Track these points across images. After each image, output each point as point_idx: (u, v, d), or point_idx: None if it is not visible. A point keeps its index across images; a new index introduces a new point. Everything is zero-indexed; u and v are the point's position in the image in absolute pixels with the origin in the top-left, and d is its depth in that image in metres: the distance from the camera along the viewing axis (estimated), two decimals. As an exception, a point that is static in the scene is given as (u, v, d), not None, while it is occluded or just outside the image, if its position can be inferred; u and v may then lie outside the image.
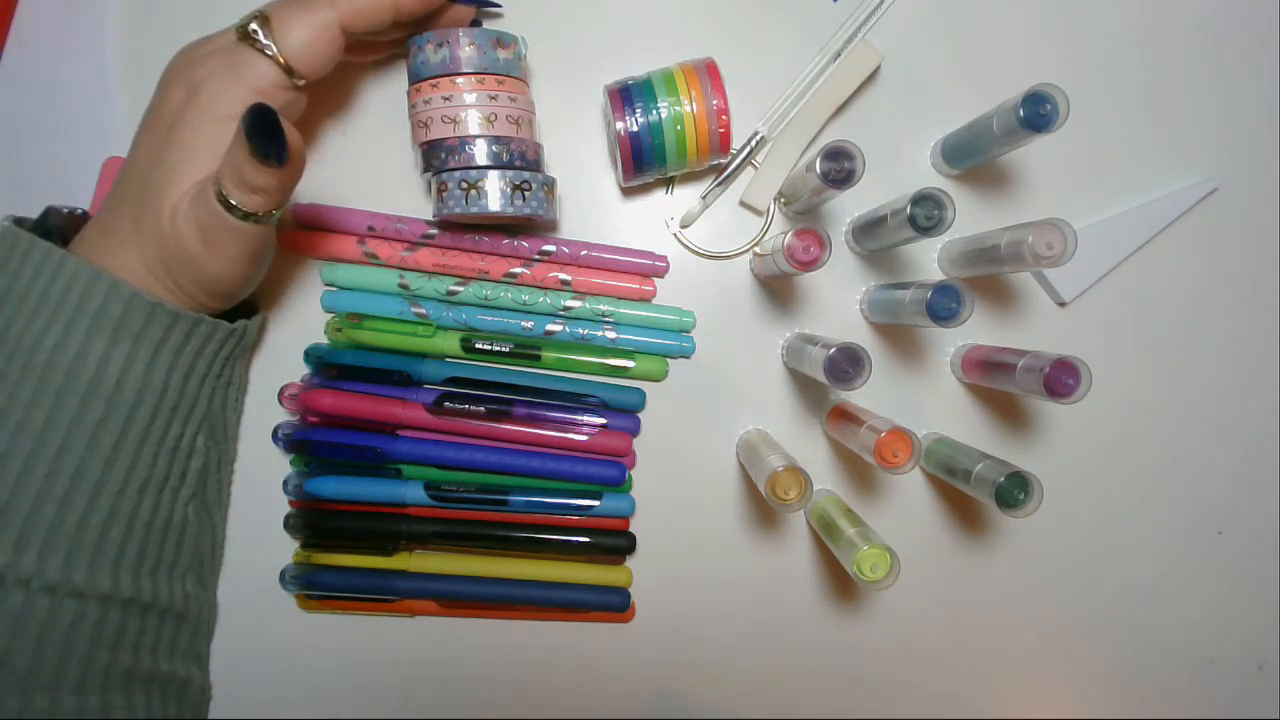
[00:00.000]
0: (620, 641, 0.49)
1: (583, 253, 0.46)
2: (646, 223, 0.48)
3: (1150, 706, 0.52)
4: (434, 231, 0.45)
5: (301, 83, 0.38)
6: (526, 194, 0.41)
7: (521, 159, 0.41)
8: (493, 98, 0.41)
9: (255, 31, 0.37)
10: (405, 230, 0.45)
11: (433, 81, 0.40)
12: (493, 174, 0.40)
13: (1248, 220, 0.49)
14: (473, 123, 0.40)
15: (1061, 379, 0.39)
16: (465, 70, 0.40)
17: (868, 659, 0.50)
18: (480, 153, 0.40)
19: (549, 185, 0.42)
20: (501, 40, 0.41)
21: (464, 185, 0.40)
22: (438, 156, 0.41)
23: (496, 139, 0.41)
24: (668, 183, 0.48)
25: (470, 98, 0.40)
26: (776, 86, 0.47)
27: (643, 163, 0.43)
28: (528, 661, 0.49)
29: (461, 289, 0.46)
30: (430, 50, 0.40)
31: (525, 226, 0.46)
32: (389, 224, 0.45)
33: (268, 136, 0.33)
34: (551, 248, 0.46)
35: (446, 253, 0.46)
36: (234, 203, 0.35)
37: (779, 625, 0.49)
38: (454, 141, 0.40)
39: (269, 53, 0.37)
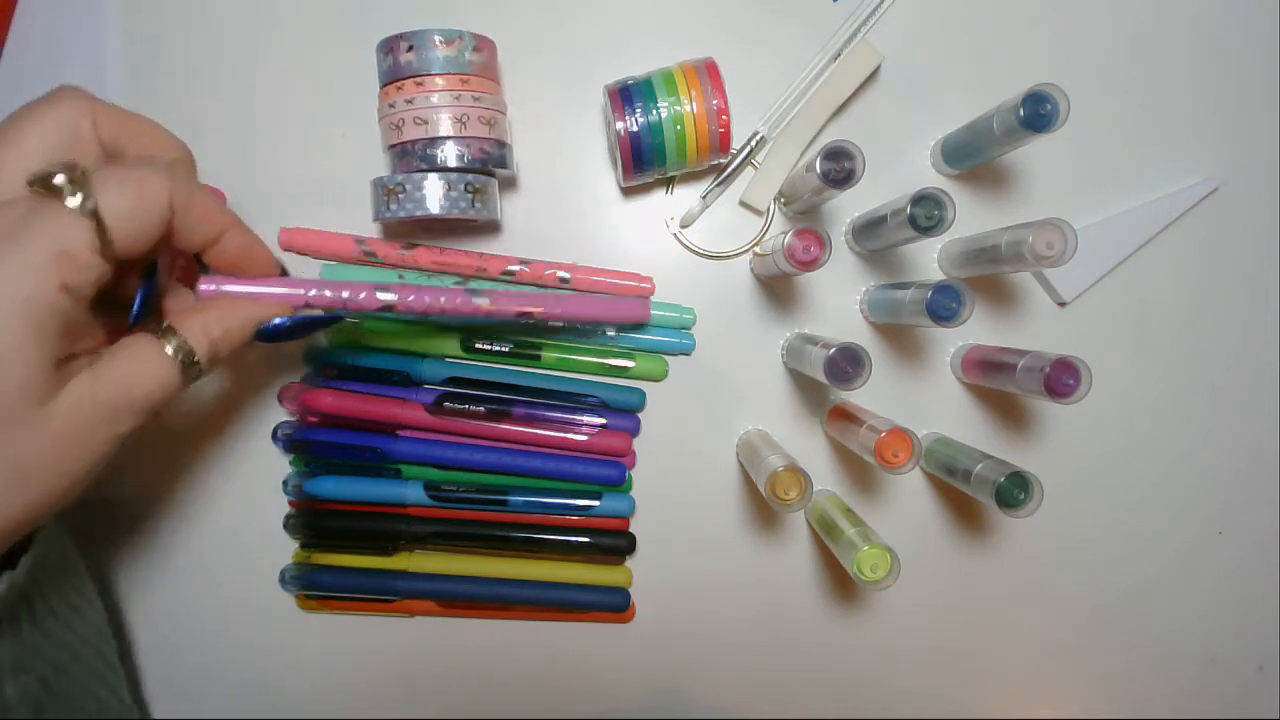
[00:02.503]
0: (620, 641, 0.49)
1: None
2: (646, 223, 0.48)
3: (1150, 706, 0.52)
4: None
5: (102, 263, 0.29)
6: (465, 195, 0.41)
7: (460, 158, 0.41)
8: (389, 104, 0.41)
9: (60, 183, 0.28)
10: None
11: (396, 86, 0.41)
12: (431, 176, 0.40)
13: (1248, 220, 0.49)
14: (402, 129, 0.41)
15: (1061, 379, 0.39)
16: (404, 75, 0.41)
17: (867, 659, 0.50)
18: (418, 156, 0.41)
19: (488, 186, 0.42)
20: (446, 39, 0.41)
21: (397, 188, 0.40)
22: (398, 159, 0.42)
23: (432, 141, 0.41)
24: (668, 183, 0.48)
25: (409, 101, 0.40)
26: (776, 86, 0.47)
27: (643, 163, 0.43)
28: (528, 661, 0.49)
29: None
30: (380, 58, 0.41)
31: (472, 230, 0.46)
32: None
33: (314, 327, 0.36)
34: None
35: (445, 251, 0.46)
36: (199, 359, 0.31)
37: (779, 625, 0.49)
38: (399, 146, 0.41)
39: (84, 207, 0.28)
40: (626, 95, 0.42)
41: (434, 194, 0.40)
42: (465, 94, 0.41)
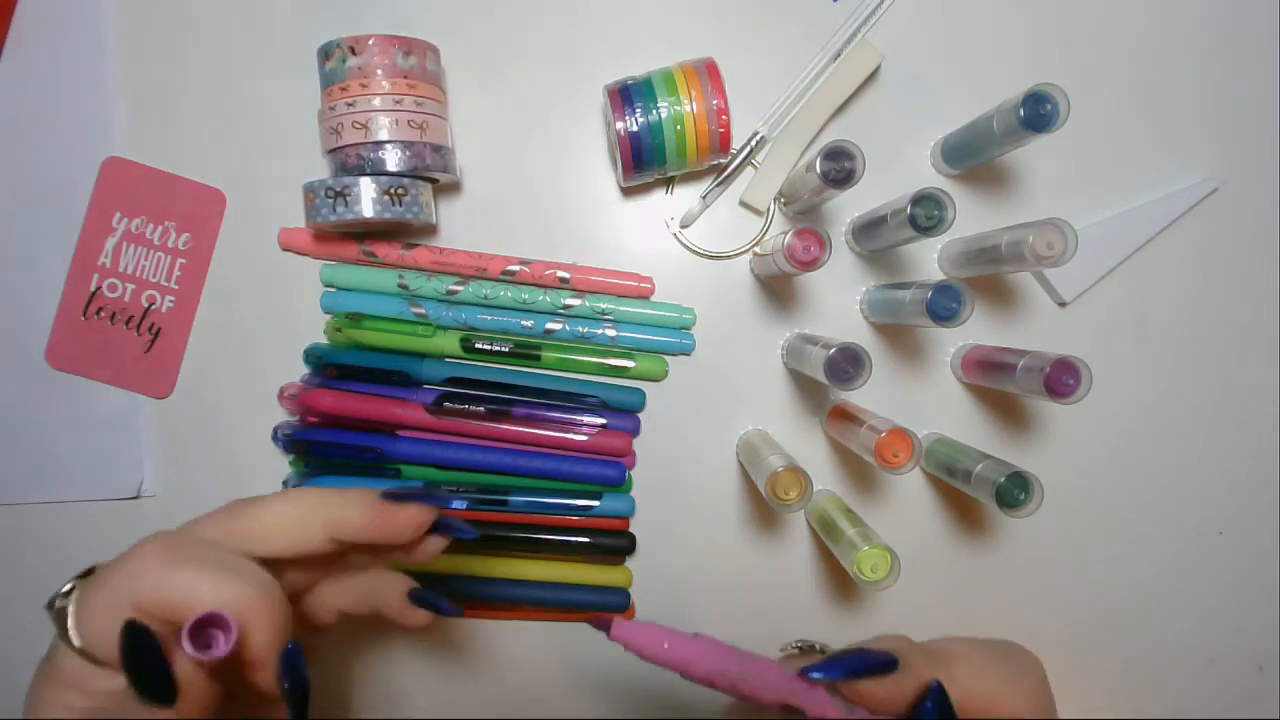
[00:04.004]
0: (620, 641, 0.49)
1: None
2: (646, 223, 0.48)
3: (1150, 706, 0.52)
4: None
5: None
6: (400, 199, 0.41)
7: (397, 163, 0.41)
8: (330, 107, 0.41)
9: (63, 605, 0.27)
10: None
11: (340, 87, 0.41)
12: (364, 180, 0.40)
13: (1248, 220, 0.49)
14: (339, 133, 0.41)
15: (1061, 379, 0.39)
16: (329, 84, 0.42)
17: (868, 659, 0.50)
18: (355, 160, 0.41)
19: (422, 190, 0.42)
20: (325, 52, 0.42)
21: (332, 193, 0.40)
22: (335, 163, 0.42)
23: (368, 145, 0.41)
24: (668, 183, 0.48)
25: (350, 104, 0.41)
26: (776, 86, 0.47)
27: (643, 163, 0.43)
28: (528, 661, 0.49)
29: (461, 288, 0.46)
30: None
31: (403, 231, 0.47)
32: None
33: (141, 667, 0.25)
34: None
35: (444, 251, 0.46)
36: None
37: (779, 625, 0.49)
38: (337, 151, 0.42)
39: (69, 640, 0.27)
40: (626, 95, 0.42)
41: (367, 198, 0.40)
42: (407, 98, 0.41)
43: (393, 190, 0.41)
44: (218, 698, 0.28)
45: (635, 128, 0.42)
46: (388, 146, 0.41)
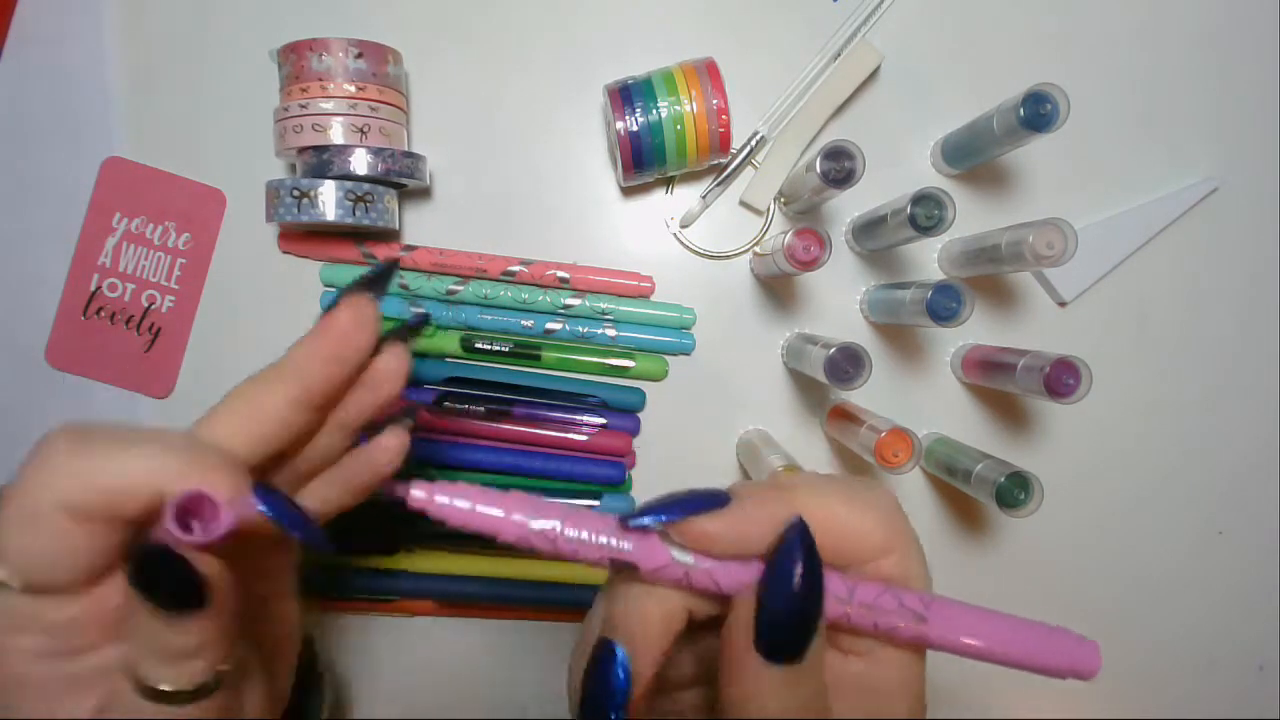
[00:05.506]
0: (620, 641, 0.49)
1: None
2: (646, 223, 0.48)
3: (1150, 706, 0.52)
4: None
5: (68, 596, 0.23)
6: (367, 205, 0.41)
7: (370, 168, 0.41)
8: (285, 107, 0.42)
9: None
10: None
11: (300, 87, 0.42)
12: (329, 184, 0.41)
13: (1248, 220, 0.49)
14: (300, 133, 0.42)
15: (1061, 379, 0.39)
16: (287, 84, 0.42)
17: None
18: (322, 163, 0.41)
19: (386, 195, 0.42)
20: (271, 58, 0.42)
21: (295, 192, 0.40)
22: (301, 163, 0.42)
23: (331, 149, 0.41)
24: (668, 182, 0.48)
25: (303, 106, 0.41)
26: (776, 86, 0.47)
27: (643, 162, 0.43)
28: (528, 661, 0.49)
29: (461, 288, 0.46)
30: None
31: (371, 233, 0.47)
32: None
33: (165, 578, 0.22)
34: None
35: (444, 253, 0.46)
36: (166, 687, 0.23)
37: (779, 625, 0.49)
38: (304, 151, 0.42)
39: None
40: (626, 95, 0.42)
41: (330, 201, 0.41)
42: (360, 103, 0.41)
43: (355, 195, 0.41)
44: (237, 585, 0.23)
45: (635, 127, 0.42)
46: (358, 151, 0.41)
